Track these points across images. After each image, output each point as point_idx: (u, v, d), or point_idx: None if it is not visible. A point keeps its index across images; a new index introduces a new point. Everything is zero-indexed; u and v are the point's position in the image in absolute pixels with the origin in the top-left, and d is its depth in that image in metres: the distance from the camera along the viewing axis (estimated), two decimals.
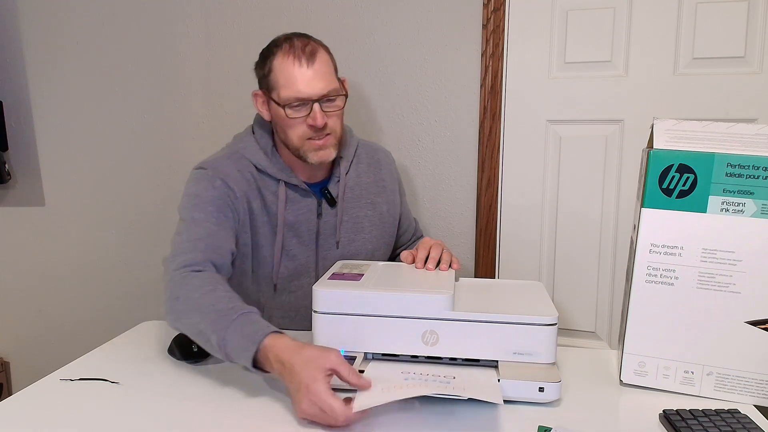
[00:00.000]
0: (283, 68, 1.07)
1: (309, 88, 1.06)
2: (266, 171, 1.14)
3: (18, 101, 1.85)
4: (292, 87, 1.06)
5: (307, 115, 1.07)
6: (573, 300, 1.62)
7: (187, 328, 0.95)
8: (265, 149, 1.15)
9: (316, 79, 1.06)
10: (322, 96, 1.07)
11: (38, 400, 0.87)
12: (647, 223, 0.87)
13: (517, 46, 1.56)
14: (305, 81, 1.06)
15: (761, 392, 0.86)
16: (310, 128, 1.08)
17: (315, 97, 1.06)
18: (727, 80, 1.44)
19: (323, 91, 1.07)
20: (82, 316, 1.94)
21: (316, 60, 1.07)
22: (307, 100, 1.06)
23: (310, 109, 1.07)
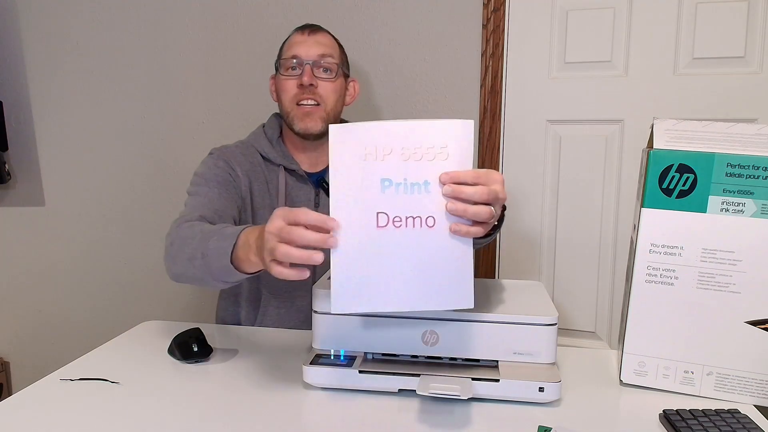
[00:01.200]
0: (289, 39, 1.20)
1: (304, 49, 1.16)
2: (269, 157, 1.21)
3: (18, 101, 1.85)
4: (290, 49, 1.18)
5: (299, 76, 1.15)
6: (573, 300, 1.62)
7: (182, 262, 0.95)
8: (271, 138, 1.23)
9: (314, 45, 1.17)
10: (316, 58, 1.15)
11: (38, 400, 0.87)
12: (647, 223, 0.87)
13: (517, 46, 1.56)
14: (302, 44, 1.17)
15: (761, 392, 0.86)
16: (299, 89, 1.15)
17: (308, 59, 1.15)
18: (727, 80, 1.44)
19: (316, 53, 1.16)
20: (82, 316, 1.94)
21: (318, 33, 1.19)
22: (301, 61, 1.15)
23: (302, 70, 1.15)
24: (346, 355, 0.90)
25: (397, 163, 0.75)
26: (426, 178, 0.75)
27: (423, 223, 0.76)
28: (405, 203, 0.75)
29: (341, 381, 0.87)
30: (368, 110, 1.66)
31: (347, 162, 0.75)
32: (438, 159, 0.75)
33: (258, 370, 0.98)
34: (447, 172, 0.75)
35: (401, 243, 0.76)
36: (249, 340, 1.12)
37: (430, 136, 0.75)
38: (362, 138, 0.75)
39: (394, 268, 0.76)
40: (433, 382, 0.82)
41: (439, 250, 0.76)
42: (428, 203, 0.75)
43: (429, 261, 0.76)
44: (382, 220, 0.76)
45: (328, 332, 0.90)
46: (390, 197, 0.75)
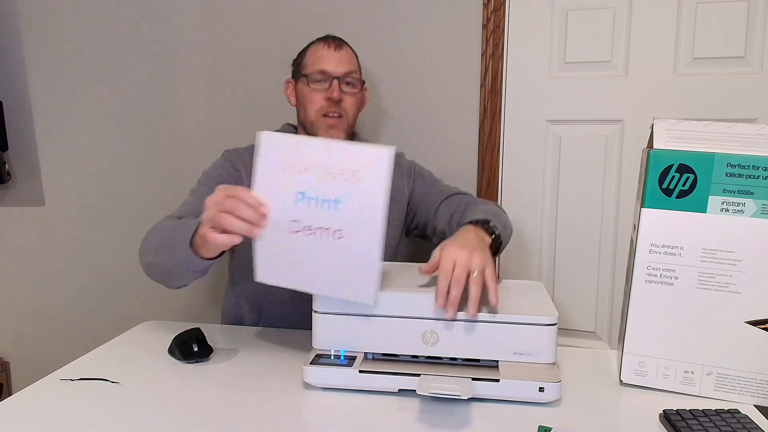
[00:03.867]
0: (314, 51, 1.26)
1: (332, 66, 1.22)
2: None
3: (18, 101, 1.85)
4: (318, 63, 1.23)
5: (326, 89, 1.21)
6: (573, 300, 1.62)
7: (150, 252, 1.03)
8: None
9: (341, 61, 1.24)
10: (343, 74, 1.22)
11: (38, 400, 0.87)
12: (647, 223, 0.87)
13: (517, 46, 1.56)
14: (330, 60, 1.23)
15: (761, 392, 0.86)
16: (327, 102, 1.21)
17: (336, 75, 1.22)
18: (727, 80, 1.44)
19: (344, 70, 1.23)
20: (82, 316, 1.94)
21: (343, 49, 1.26)
22: (329, 76, 1.22)
23: (330, 84, 1.21)
24: (346, 355, 0.90)
25: (313, 179, 0.82)
26: (336, 196, 0.82)
27: (331, 235, 0.83)
28: (316, 216, 0.83)
29: (341, 381, 0.88)
30: (368, 110, 1.66)
31: (271, 169, 0.83)
32: (350, 182, 0.82)
33: (258, 370, 0.98)
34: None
35: (313, 247, 0.85)
36: (249, 340, 1.12)
37: (345, 159, 0.81)
38: (288, 149, 0.83)
39: (306, 264, 0.85)
40: (434, 382, 0.82)
41: (347, 257, 0.84)
42: (336, 219, 0.83)
43: (337, 264, 0.85)
44: (295, 227, 0.84)
45: (328, 332, 0.90)
46: (303, 209, 0.83)
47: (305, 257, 0.85)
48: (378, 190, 0.80)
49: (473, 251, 0.88)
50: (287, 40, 1.65)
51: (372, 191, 0.81)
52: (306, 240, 0.84)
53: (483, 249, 0.91)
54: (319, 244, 0.84)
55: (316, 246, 0.84)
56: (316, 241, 0.84)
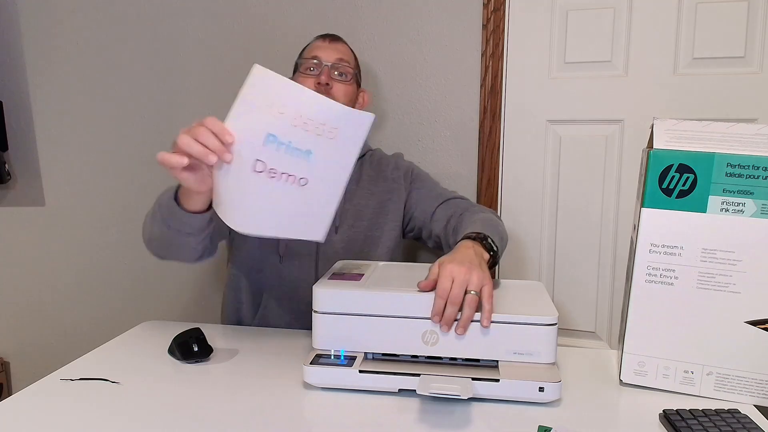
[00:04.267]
0: (312, 44, 1.29)
1: (324, 52, 1.24)
2: None
3: (18, 101, 1.85)
4: (311, 52, 1.26)
5: (317, 76, 1.22)
6: (573, 300, 1.62)
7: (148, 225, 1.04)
8: None
9: (333, 50, 1.26)
10: (334, 62, 1.23)
11: (38, 400, 0.87)
12: (647, 223, 0.87)
13: (517, 46, 1.56)
14: (323, 48, 1.26)
15: (761, 392, 0.86)
16: (316, 87, 1.20)
17: (327, 62, 1.23)
18: (727, 80, 1.44)
19: (336, 57, 1.24)
20: (82, 316, 1.94)
21: (338, 42, 1.29)
22: (320, 63, 1.23)
23: (320, 71, 1.22)
24: (346, 355, 0.90)
25: (288, 125, 0.82)
26: (309, 148, 0.84)
27: (296, 181, 0.85)
28: (283, 160, 0.84)
29: (341, 381, 0.88)
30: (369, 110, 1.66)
31: (250, 104, 0.82)
32: (325, 136, 0.82)
33: (258, 370, 0.98)
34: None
35: (273, 190, 0.85)
36: (249, 340, 1.12)
37: (328, 115, 0.82)
38: (275, 89, 0.82)
39: (261, 204, 0.86)
40: (434, 381, 0.82)
41: (307, 202, 0.86)
42: (305, 168, 0.84)
43: (295, 207, 0.86)
44: (259, 167, 0.84)
45: (328, 332, 0.91)
46: (270, 151, 0.83)
47: (262, 198, 0.85)
48: (353, 149, 0.83)
49: (471, 269, 0.88)
50: (288, 39, 1.65)
51: (346, 149, 0.84)
52: (267, 182, 0.84)
53: (481, 266, 0.92)
54: (280, 187, 0.85)
55: (277, 189, 0.85)
56: (277, 185, 0.85)
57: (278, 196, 0.85)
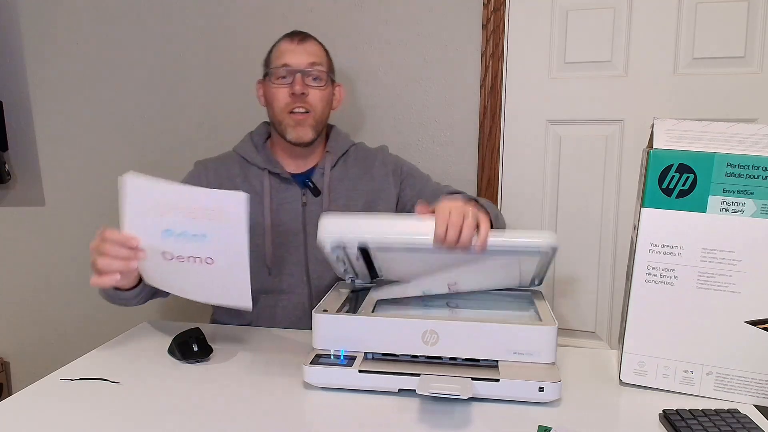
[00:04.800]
0: (278, 46, 1.21)
1: (294, 57, 1.18)
2: (254, 162, 1.24)
3: (18, 101, 1.85)
4: (280, 57, 1.19)
5: (290, 84, 1.17)
6: (573, 300, 1.62)
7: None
8: (257, 144, 1.27)
9: (304, 53, 1.18)
10: (306, 66, 1.17)
11: (38, 400, 0.87)
12: (647, 223, 0.87)
13: (517, 46, 1.56)
14: (292, 52, 1.18)
15: (761, 392, 0.86)
16: (291, 98, 1.17)
17: (299, 67, 1.17)
18: (727, 80, 1.44)
19: (307, 62, 1.18)
20: (82, 316, 1.94)
21: (307, 41, 1.21)
22: (292, 70, 1.17)
23: (293, 78, 1.17)
24: (346, 355, 0.90)
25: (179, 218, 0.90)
26: (202, 232, 0.91)
27: (203, 261, 0.92)
28: (185, 247, 0.91)
29: (341, 381, 0.88)
30: (369, 110, 1.66)
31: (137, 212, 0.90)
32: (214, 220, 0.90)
33: (258, 370, 0.98)
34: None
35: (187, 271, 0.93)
36: (249, 340, 1.12)
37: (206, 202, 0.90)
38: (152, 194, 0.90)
39: (185, 281, 0.95)
40: (433, 381, 0.82)
41: (220, 277, 0.94)
42: (204, 249, 0.91)
43: (213, 281, 0.95)
44: (168, 256, 0.92)
45: (328, 332, 0.91)
46: (171, 243, 0.91)
47: (182, 277, 0.95)
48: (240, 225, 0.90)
49: (467, 204, 0.92)
50: None
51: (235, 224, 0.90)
52: (179, 265, 0.93)
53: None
54: (192, 268, 0.93)
55: (190, 270, 0.93)
56: (189, 267, 0.93)
57: (194, 275, 0.94)
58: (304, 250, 1.24)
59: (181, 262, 0.92)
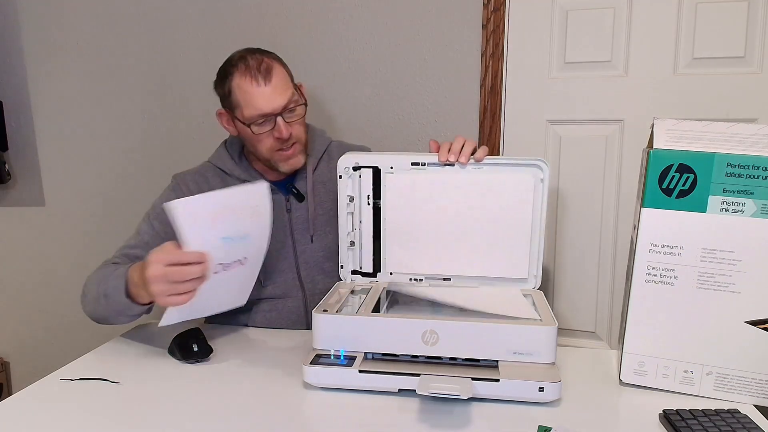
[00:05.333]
0: (242, 88, 1.13)
1: (270, 104, 1.12)
2: (233, 174, 1.23)
3: (18, 101, 1.85)
4: (253, 106, 1.12)
5: (272, 129, 1.14)
6: (573, 300, 1.62)
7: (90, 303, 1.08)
8: (233, 156, 1.26)
9: (275, 94, 1.12)
10: (283, 109, 1.13)
11: (38, 400, 0.87)
12: (647, 223, 0.87)
13: (517, 46, 1.56)
14: (265, 99, 1.12)
15: (761, 392, 0.86)
16: (276, 141, 1.15)
17: (277, 112, 1.13)
18: (727, 80, 1.44)
19: (283, 104, 1.13)
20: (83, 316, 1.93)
21: (273, 76, 1.13)
22: (270, 115, 1.13)
23: (274, 123, 1.13)
24: (346, 355, 0.90)
25: (229, 222, 0.93)
26: (246, 232, 0.95)
27: (241, 262, 0.97)
28: (235, 251, 0.95)
29: (341, 381, 0.88)
30: (369, 110, 1.66)
31: (193, 229, 0.90)
32: (253, 217, 0.95)
33: (258, 370, 0.98)
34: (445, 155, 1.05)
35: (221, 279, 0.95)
36: (249, 340, 1.12)
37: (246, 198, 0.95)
38: (200, 209, 0.91)
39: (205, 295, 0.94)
40: (433, 381, 0.82)
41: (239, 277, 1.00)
42: (245, 250, 0.97)
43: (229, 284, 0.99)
44: (219, 269, 0.94)
45: (328, 332, 0.91)
46: (230, 250, 0.94)
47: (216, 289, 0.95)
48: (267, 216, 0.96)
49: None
50: (288, 39, 1.65)
51: (263, 218, 0.96)
52: (221, 276, 0.95)
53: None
54: (229, 275, 0.96)
55: (226, 277, 0.96)
56: (227, 274, 0.96)
57: (227, 282, 0.97)
58: (294, 256, 1.23)
59: (223, 271, 0.95)
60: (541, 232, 1.05)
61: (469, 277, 1.07)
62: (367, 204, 1.09)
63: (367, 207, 1.09)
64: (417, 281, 1.09)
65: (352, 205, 1.09)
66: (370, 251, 1.09)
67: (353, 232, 1.10)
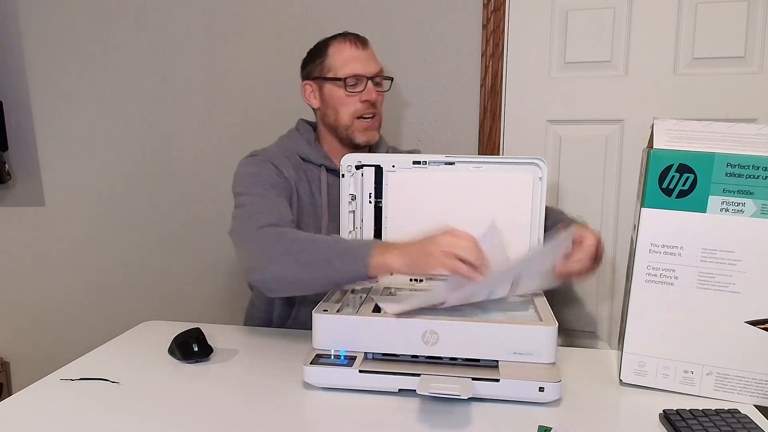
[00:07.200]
0: (341, 51, 1.21)
1: (365, 67, 1.21)
2: (309, 158, 1.25)
3: (18, 101, 1.85)
4: (350, 65, 1.20)
5: (361, 92, 1.20)
6: (573, 300, 1.62)
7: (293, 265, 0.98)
8: (309, 140, 1.28)
9: (371, 60, 1.23)
10: (375, 74, 1.22)
11: (38, 400, 0.87)
12: (647, 223, 0.87)
13: (517, 46, 1.56)
14: (362, 61, 1.21)
15: (761, 392, 0.86)
16: (362, 104, 1.20)
17: (370, 75, 1.21)
18: (727, 80, 1.44)
19: (376, 70, 1.22)
20: (82, 316, 1.94)
21: (368, 46, 1.24)
22: (363, 77, 1.20)
23: (364, 86, 1.20)
24: (346, 355, 0.90)
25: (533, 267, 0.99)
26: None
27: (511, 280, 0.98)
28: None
29: (341, 381, 0.88)
30: None
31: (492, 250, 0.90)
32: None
33: (258, 370, 0.98)
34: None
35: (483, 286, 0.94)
36: (249, 340, 1.12)
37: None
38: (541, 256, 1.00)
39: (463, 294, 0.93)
40: (434, 381, 0.82)
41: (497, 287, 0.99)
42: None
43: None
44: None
45: (328, 332, 0.91)
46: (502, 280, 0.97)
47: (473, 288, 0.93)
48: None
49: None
50: (288, 39, 1.65)
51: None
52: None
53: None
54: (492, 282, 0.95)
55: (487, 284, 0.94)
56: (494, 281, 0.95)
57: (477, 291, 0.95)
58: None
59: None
60: (540, 230, 1.05)
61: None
62: (369, 202, 1.09)
63: (368, 205, 1.09)
64: (417, 281, 1.09)
65: (354, 203, 1.10)
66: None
67: (354, 230, 1.10)
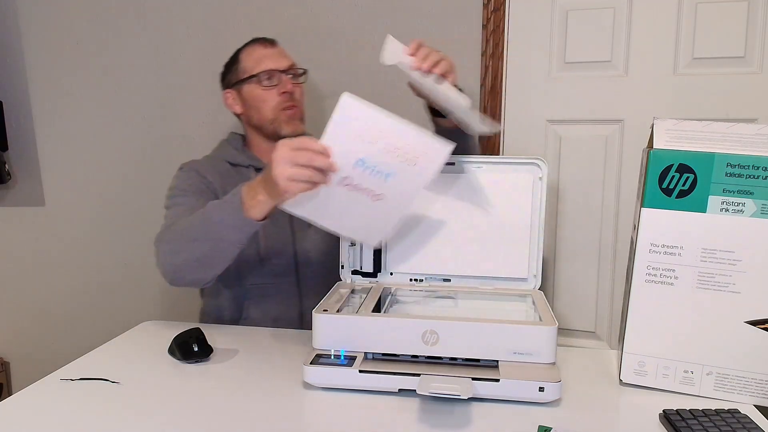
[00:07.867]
0: (252, 53, 1.28)
1: (276, 62, 1.26)
2: (237, 162, 1.30)
3: (18, 101, 1.85)
4: (262, 62, 1.25)
5: (277, 85, 1.25)
6: (573, 300, 1.62)
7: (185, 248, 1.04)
8: (236, 147, 1.34)
9: (281, 56, 1.28)
10: (288, 68, 1.27)
11: (38, 400, 0.87)
12: (647, 223, 0.87)
13: (517, 46, 1.56)
14: (272, 57, 1.26)
15: (761, 392, 0.86)
16: (281, 97, 1.24)
17: (282, 68, 1.26)
18: (727, 80, 1.44)
19: (287, 64, 1.27)
20: (82, 316, 1.94)
21: (277, 45, 1.30)
22: (276, 71, 1.25)
23: (279, 80, 1.25)
24: (346, 355, 0.90)
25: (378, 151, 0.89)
26: (394, 170, 0.90)
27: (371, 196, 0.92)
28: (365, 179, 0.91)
29: (341, 381, 0.88)
30: None
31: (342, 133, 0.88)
32: (406, 162, 0.89)
33: (258, 370, 0.98)
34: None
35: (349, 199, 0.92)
36: (249, 340, 1.12)
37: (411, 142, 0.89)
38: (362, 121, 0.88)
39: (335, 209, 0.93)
40: (433, 381, 0.82)
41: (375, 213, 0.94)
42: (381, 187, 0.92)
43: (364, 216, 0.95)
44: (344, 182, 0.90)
45: (328, 332, 0.90)
46: (358, 172, 0.90)
47: (338, 204, 0.93)
48: (427, 175, 0.91)
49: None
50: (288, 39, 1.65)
51: (422, 175, 0.91)
52: (347, 193, 0.91)
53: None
54: (356, 198, 0.92)
55: (353, 199, 0.92)
56: (355, 196, 0.92)
57: (351, 205, 0.93)
58: (291, 235, 1.27)
59: (351, 189, 0.91)
60: (541, 231, 1.05)
61: (469, 277, 1.07)
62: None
63: None
64: (417, 281, 1.09)
65: None
66: (370, 251, 1.09)
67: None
